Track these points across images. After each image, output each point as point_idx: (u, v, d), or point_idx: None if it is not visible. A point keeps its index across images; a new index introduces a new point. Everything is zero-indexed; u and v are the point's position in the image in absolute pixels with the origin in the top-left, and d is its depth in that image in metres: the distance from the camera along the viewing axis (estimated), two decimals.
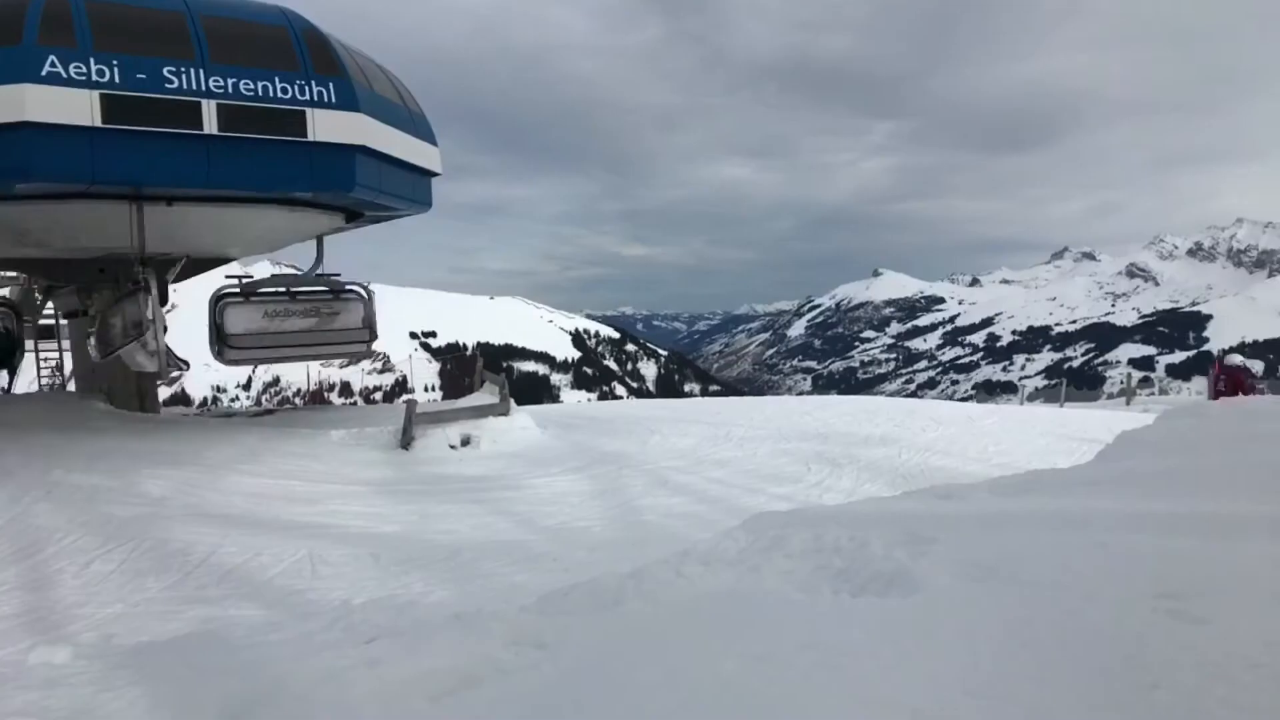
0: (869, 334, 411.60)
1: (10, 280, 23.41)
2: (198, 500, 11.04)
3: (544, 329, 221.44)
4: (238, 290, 16.85)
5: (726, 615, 3.99)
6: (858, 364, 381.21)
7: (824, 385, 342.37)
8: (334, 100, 13.72)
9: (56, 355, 23.80)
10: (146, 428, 15.47)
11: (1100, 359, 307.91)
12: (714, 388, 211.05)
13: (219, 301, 16.63)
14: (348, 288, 17.48)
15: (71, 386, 21.82)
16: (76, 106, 11.96)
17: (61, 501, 10.34)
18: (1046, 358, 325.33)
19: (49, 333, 23.45)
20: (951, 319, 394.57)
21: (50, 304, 22.42)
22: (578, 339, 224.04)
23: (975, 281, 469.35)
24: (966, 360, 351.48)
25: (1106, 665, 2.85)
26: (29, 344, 23.19)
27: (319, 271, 17.64)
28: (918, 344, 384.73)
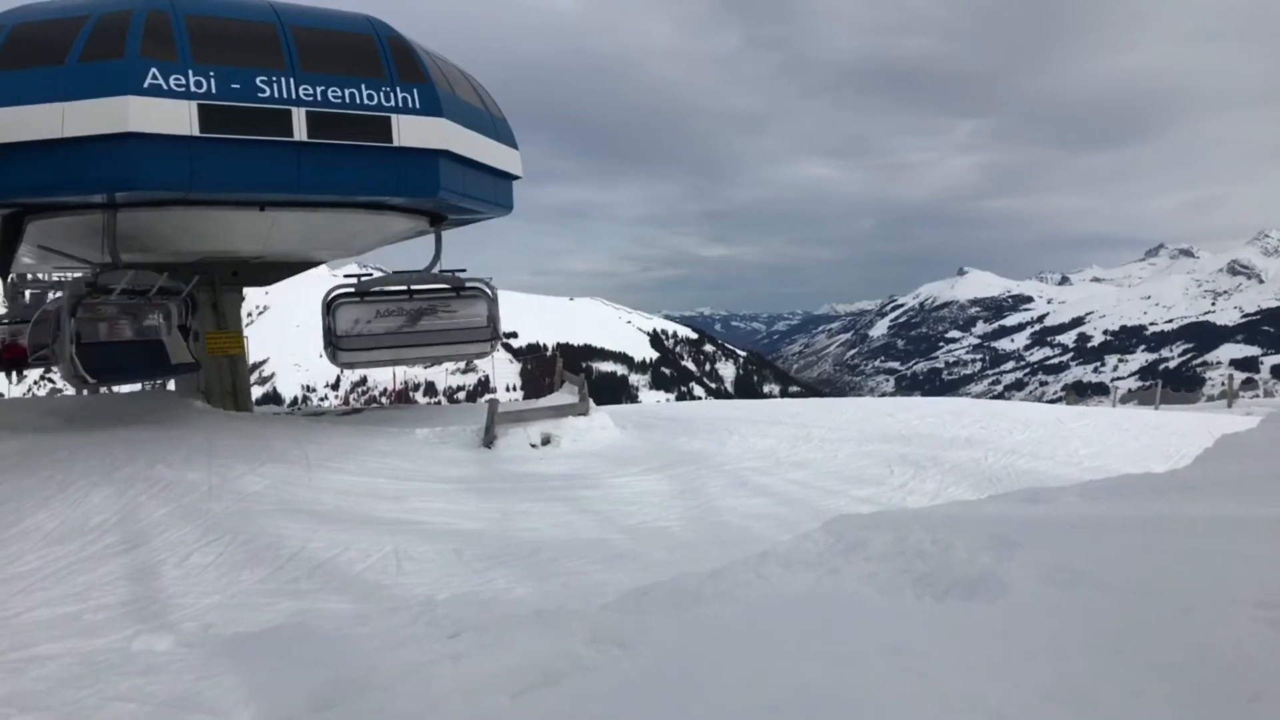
0: (954, 334, 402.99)
1: None
2: (290, 496, 11.39)
3: (622, 329, 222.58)
4: (353, 289, 16.37)
5: (806, 617, 3.97)
6: (942, 365, 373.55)
7: (907, 386, 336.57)
8: (418, 106, 14.01)
9: None
10: (241, 426, 16.01)
11: (1199, 360, 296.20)
12: (794, 389, 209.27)
13: (333, 302, 16.20)
14: (469, 284, 16.84)
15: (171, 385, 22.71)
16: (176, 117, 12.46)
17: (164, 496, 10.78)
18: (1141, 358, 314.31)
19: None
20: (1040, 318, 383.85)
21: None
22: (656, 339, 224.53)
23: (1065, 280, 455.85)
24: (1056, 361, 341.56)
25: (1203, 676, 2.75)
26: None
27: (439, 268, 17.12)
28: (1005, 344, 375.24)
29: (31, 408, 18.00)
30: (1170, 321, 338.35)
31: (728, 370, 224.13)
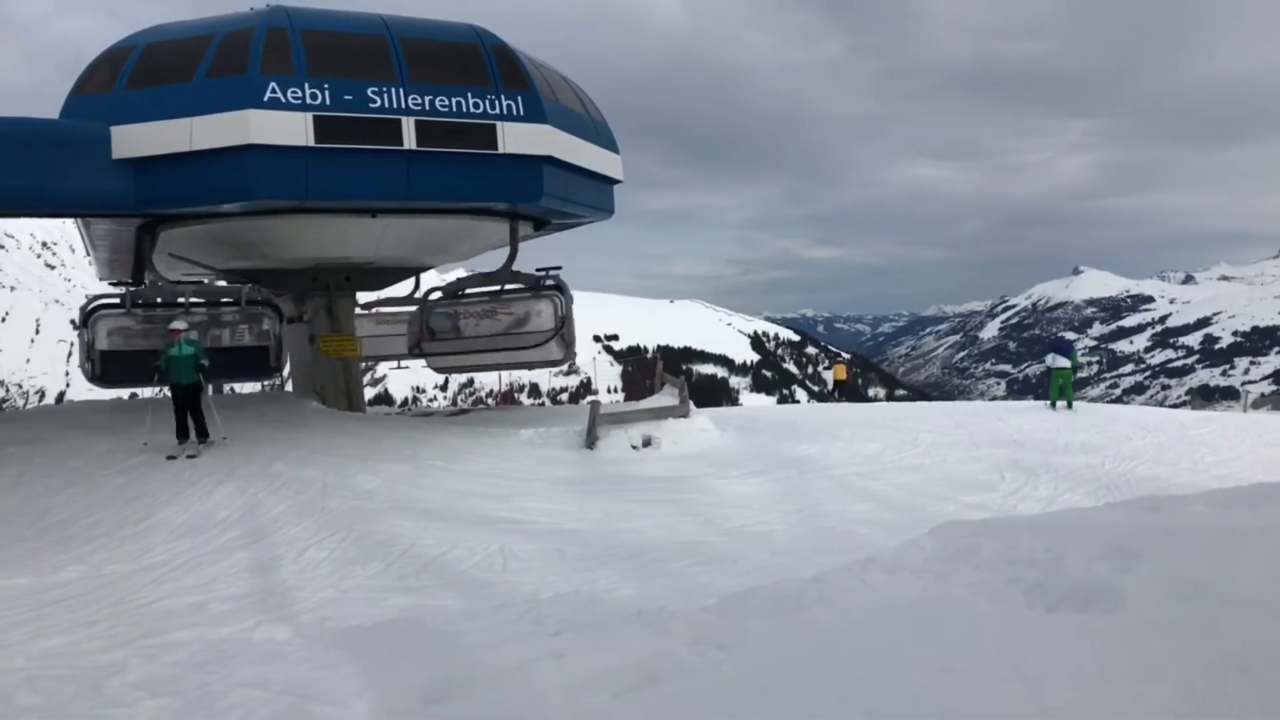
0: (1069, 335, 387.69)
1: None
2: (400, 494, 11.72)
3: (723, 332, 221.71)
4: (441, 294, 18.14)
5: (912, 624, 3.89)
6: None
7: (1019, 390, 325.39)
8: (522, 113, 14.25)
9: None
10: (355, 425, 16.55)
11: None
12: (900, 392, 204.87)
13: (425, 304, 17.86)
14: (546, 283, 17.82)
15: (289, 387, 23.63)
16: (292, 128, 12.98)
17: (282, 493, 11.23)
18: (1275, 361, 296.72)
19: None
20: (1162, 319, 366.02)
21: None
22: (757, 342, 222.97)
23: (1189, 279, 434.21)
24: (1179, 364, 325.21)
25: None
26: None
27: (513, 269, 18.12)
28: (1123, 346, 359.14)
29: (162, 408, 18.92)
30: None
31: (831, 373, 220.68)
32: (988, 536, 5.23)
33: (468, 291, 18.74)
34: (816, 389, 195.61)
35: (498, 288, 18.34)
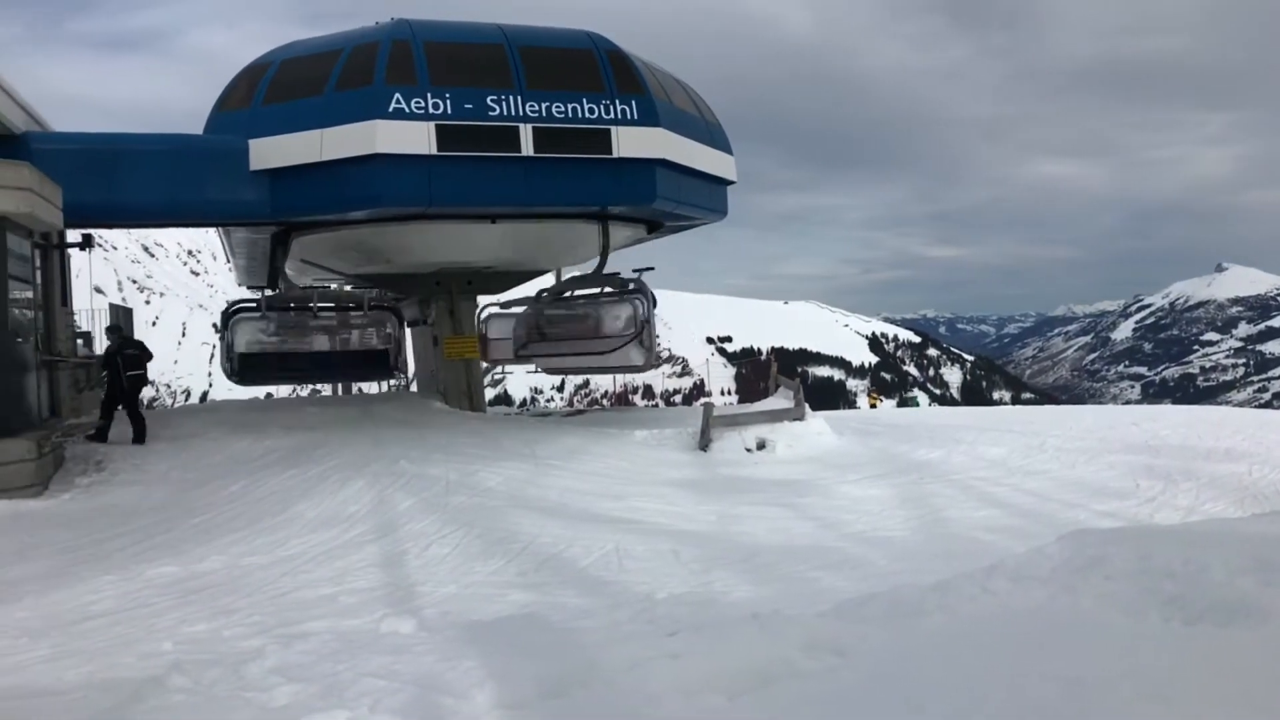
0: (1211, 336, 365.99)
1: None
2: (520, 492, 11.98)
3: (839, 333, 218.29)
4: (499, 304, 19.22)
5: (1037, 635, 3.76)
6: (1197, 370, 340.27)
7: (1155, 394, 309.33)
8: (636, 117, 14.39)
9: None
10: (476, 425, 16.99)
11: None
12: (1027, 395, 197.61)
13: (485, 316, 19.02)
14: (630, 287, 17.65)
15: (414, 387, 24.42)
16: (416, 137, 13.43)
17: (408, 489, 11.62)
18: None
19: None
20: None
21: None
22: (875, 343, 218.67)
23: None
24: None
25: None
26: None
27: (604, 272, 18.23)
28: (1273, 348, 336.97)
29: (296, 407, 19.82)
30: None
31: (953, 375, 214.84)
32: (1120, 545, 5.00)
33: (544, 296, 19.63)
34: (938, 392, 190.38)
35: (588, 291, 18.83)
